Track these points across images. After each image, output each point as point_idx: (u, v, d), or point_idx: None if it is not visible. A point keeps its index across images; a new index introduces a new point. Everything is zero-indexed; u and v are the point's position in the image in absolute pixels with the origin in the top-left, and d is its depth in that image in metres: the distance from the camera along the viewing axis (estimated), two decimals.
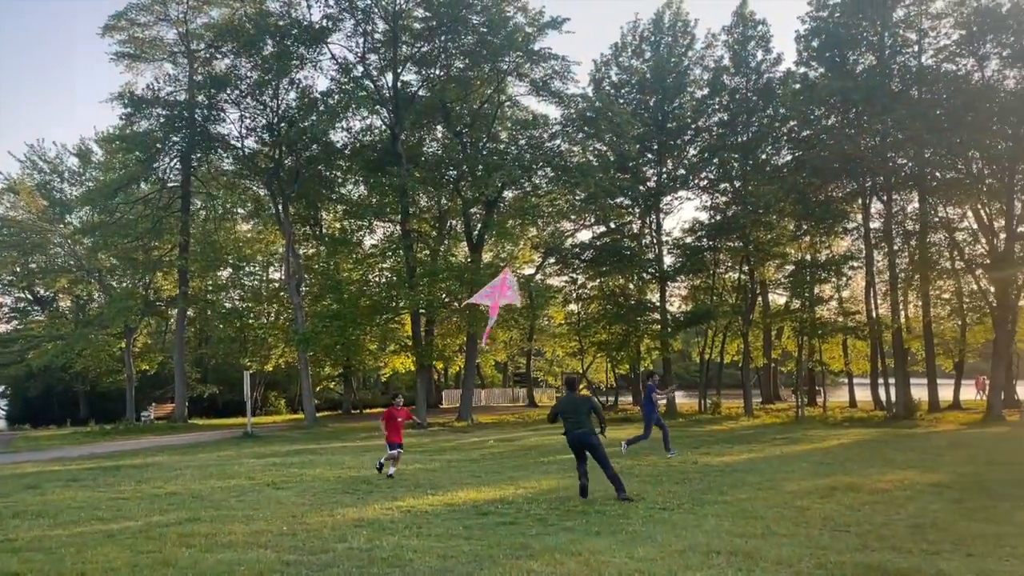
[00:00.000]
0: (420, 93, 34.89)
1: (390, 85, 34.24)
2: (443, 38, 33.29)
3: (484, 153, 34.46)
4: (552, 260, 42.10)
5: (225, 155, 38.59)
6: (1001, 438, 21.75)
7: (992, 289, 32.44)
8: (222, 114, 36.45)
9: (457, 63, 34.47)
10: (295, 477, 14.80)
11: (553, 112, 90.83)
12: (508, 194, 36.64)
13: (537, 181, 36.83)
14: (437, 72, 34.54)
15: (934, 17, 32.94)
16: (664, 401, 18.04)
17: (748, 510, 10.18)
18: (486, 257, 39.27)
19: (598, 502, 10.87)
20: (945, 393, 37.65)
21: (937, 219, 33.81)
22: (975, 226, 33.31)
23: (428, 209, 38.39)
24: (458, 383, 51.46)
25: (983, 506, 10.29)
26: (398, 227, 36.70)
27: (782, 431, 26.12)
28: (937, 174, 32.74)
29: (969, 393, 43.89)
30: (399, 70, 34.11)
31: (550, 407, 15.06)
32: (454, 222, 39.34)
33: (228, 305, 47.65)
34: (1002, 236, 31.80)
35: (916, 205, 34.46)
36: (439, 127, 37.58)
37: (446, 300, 35.29)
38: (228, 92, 35.44)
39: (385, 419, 15.01)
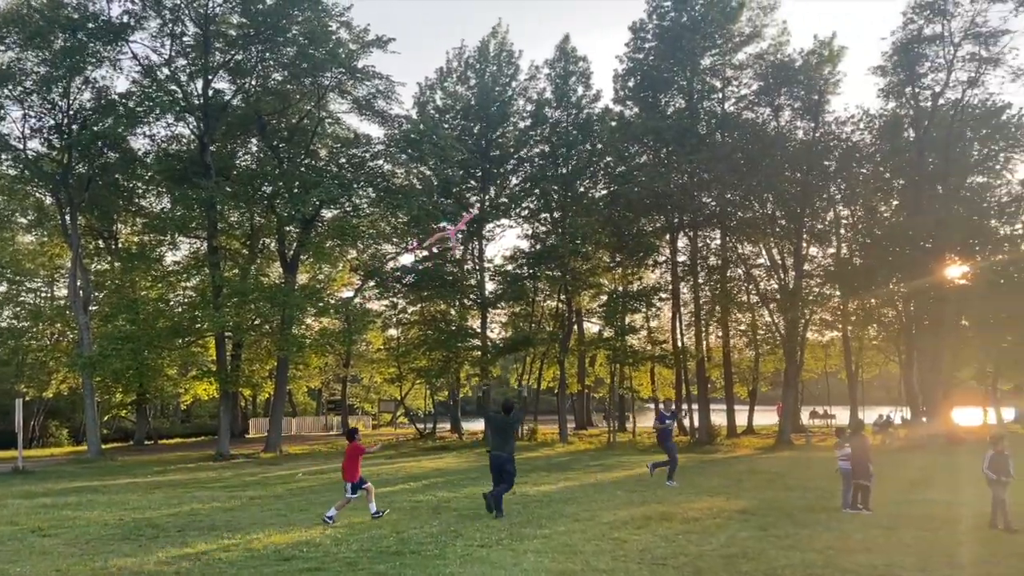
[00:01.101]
0: (234, 103, 32.98)
1: (200, 92, 32.07)
2: (260, 47, 31.65)
3: (302, 169, 32.96)
4: (372, 283, 41.01)
5: (4, 157, 34.44)
6: (793, 462, 23.27)
7: (782, 322, 35.05)
8: (2, 111, 32.60)
9: (275, 75, 32.96)
10: (67, 521, 12.99)
11: (376, 132, 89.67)
12: (326, 213, 35.30)
13: (358, 201, 35.71)
14: (253, 82, 32.82)
15: (736, 68, 35.64)
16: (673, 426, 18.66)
17: (567, 544, 9.93)
18: (301, 278, 37.56)
19: (413, 541, 10.21)
20: (740, 419, 40.25)
21: (737, 255, 36.19)
22: (769, 263, 35.97)
23: (239, 225, 36.12)
24: (267, 411, 48.77)
25: (787, 533, 10.62)
26: (204, 243, 34.30)
27: (596, 457, 26.63)
28: (738, 213, 35.10)
29: (770, 418, 47.26)
30: (210, 77, 32.02)
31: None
32: (267, 240, 37.32)
33: (3, 324, 42.52)
34: (791, 274, 34.54)
35: (719, 242, 36.77)
36: (254, 140, 35.69)
37: (256, 322, 33.29)
38: (10, 87, 31.79)
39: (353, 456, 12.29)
